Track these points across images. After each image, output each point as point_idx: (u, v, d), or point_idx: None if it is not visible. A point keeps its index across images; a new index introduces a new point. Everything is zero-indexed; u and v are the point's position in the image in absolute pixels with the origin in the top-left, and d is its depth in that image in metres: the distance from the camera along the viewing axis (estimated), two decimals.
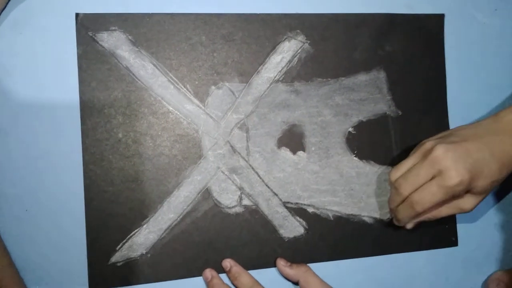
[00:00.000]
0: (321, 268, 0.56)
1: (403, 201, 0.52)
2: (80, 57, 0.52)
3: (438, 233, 0.61)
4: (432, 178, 0.50)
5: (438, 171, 0.49)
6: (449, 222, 0.61)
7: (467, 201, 0.52)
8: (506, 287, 0.59)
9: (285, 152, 0.57)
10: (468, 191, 0.51)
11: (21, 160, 0.51)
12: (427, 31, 0.62)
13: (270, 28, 0.57)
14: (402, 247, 0.60)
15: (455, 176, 0.48)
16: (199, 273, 0.54)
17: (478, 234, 0.63)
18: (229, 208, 0.55)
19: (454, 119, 0.62)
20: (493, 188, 0.52)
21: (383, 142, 0.60)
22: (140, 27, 0.54)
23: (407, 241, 0.60)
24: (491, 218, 0.63)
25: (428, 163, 0.50)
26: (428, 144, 0.51)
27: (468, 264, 0.62)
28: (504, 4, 0.65)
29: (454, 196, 0.51)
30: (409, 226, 0.55)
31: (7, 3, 0.51)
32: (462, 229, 0.62)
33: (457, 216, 0.62)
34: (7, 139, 0.51)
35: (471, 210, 0.53)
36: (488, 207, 0.63)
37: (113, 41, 0.53)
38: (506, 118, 0.51)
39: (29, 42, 0.52)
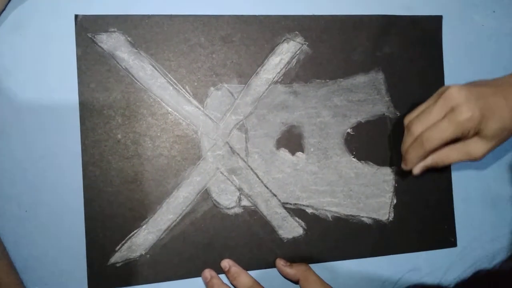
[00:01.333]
0: (320, 269, 0.56)
1: (415, 141, 0.53)
2: (79, 59, 0.53)
3: (437, 234, 0.61)
4: (444, 117, 0.51)
5: (450, 108, 0.50)
6: (448, 223, 0.61)
7: (476, 147, 0.52)
8: None
9: (284, 153, 0.57)
10: (477, 133, 0.51)
11: (20, 160, 0.51)
12: (425, 33, 0.62)
13: (269, 30, 0.57)
14: (401, 248, 0.60)
15: (465, 111, 0.49)
16: (198, 274, 0.54)
17: (477, 235, 0.63)
18: (228, 208, 0.55)
19: None
20: (502, 139, 0.52)
21: (381, 143, 0.60)
22: (139, 29, 0.54)
23: (406, 241, 0.60)
24: (490, 219, 0.63)
25: (441, 101, 0.51)
26: (444, 87, 0.52)
27: (466, 265, 0.62)
28: (502, 6, 0.65)
29: (463, 134, 0.51)
30: (416, 170, 0.55)
31: (6, 5, 0.51)
32: (461, 230, 0.62)
33: (456, 217, 0.62)
34: (6, 139, 0.51)
35: (480, 157, 0.53)
36: (487, 208, 0.63)
37: (112, 42, 0.53)
38: None
39: (29, 44, 0.52)
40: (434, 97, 0.53)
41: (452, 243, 0.62)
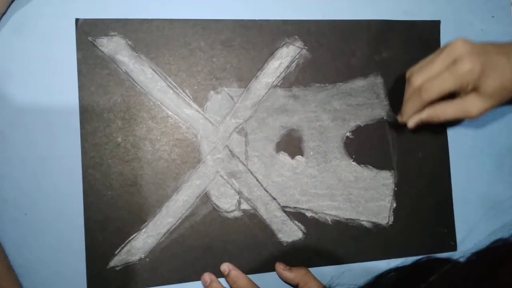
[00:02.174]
0: (320, 273, 0.56)
1: (413, 92, 0.53)
2: (79, 62, 0.53)
3: (437, 237, 0.61)
4: (445, 69, 0.51)
5: (452, 60, 0.51)
6: (448, 227, 0.61)
7: (474, 103, 0.52)
8: None
9: (284, 157, 0.57)
10: (476, 90, 0.51)
11: (20, 164, 0.51)
12: (424, 37, 0.62)
13: (268, 34, 0.58)
14: (400, 252, 0.60)
15: (467, 62, 0.50)
16: (197, 277, 0.54)
17: (477, 238, 0.63)
18: (228, 212, 0.55)
19: (452, 123, 0.62)
20: (500, 99, 0.52)
21: (380, 147, 0.60)
22: (140, 33, 0.54)
23: (405, 245, 0.60)
24: (490, 223, 0.63)
25: (445, 53, 0.52)
26: (450, 41, 0.53)
27: None
28: (501, 11, 0.65)
29: (462, 88, 0.51)
30: (411, 123, 0.55)
31: (7, 8, 0.51)
32: (461, 233, 0.62)
33: (456, 220, 0.62)
34: (6, 143, 0.51)
35: (475, 115, 0.53)
36: (487, 211, 0.63)
37: (113, 46, 0.53)
38: None
39: (30, 47, 0.52)
40: (440, 50, 0.54)
41: (452, 247, 0.62)
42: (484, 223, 0.63)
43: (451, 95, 0.53)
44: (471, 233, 0.62)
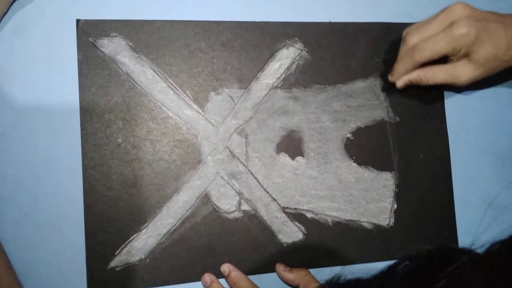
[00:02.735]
0: (320, 274, 0.56)
1: (407, 51, 0.54)
2: (80, 63, 0.53)
3: (438, 239, 0.61)
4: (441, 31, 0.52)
5: (450, 23, 0.51)
6: (449, 228, 0.61)
7: (464, 70, 0.52)
8: None
9: (284, 158, 0.57)
10: (468, 56, 0.51)
11: (20, 164, 0.51)
12: None
13: (269, 36, 0.58)
14: (401, 253, 0.59)
15: (463, 26, 0.50)
16: (198, 278, 0.54)
17: (479, 240, 0.62)
18: (228, 213, 0.55)
19: (452, 125, 0.62)
20: (491, 68, 0.52)
21: (381, 148, 0.60)
22: (141, 34, 0.55)
23: (406, 247, 0.60)
24: (492, 224, 0.63)
25: (444, 14, 0.52)
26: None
27: None
28: (501, 12, 0.65)
29: (455, 51, 0.51)
30: (400, 83, 0.55)
31: (8, 8, 0.51)
32: (462, 235, 0.62)
33: (457, 222, 0.61)
34: (7, 143, 0.51)
35: (464, 82, 0.53)
36: (489, 213, 0.63)
37: (114, 47, 0.54)
38: None
39: (30, 47, 0.52)
40: (439, 11, 0.54)
41: None
42: (485, 225, 0.63)
43: (444, 61, 0.53)
44: (473, 234, 0.62)
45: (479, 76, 0.53)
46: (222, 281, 0.54)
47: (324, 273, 0.57)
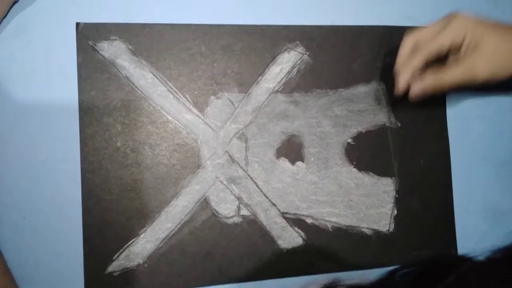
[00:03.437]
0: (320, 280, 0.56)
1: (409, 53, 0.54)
2: (80, 66, 0.53)
3: (438, 245, 0.61)
4: None
5: (448, 21, 0.52)
6: (449, 235, 0.61)
7: (478, 62, 0.51)
8: None
9: (284, 163, 0.57)
10: (477, 47, 0.51)
11: (19, 167, 0.51)
12: None
13: (270, 39, 0.58)
14: (401, 259, 0.59)
15: (460, 16, 0.51)
16: (196, 284, 0.54)
17: (478, 246, 0.62)
18: (227, 218, 0.55)
19: (454, 131, 0.62)
20: (506, 60, 0.52)
21: (382, 154, 0.60)
22: (140, 37, 0.54)
23: (406, 253, 0.59)
24: (491, 231, 0.63)
25: (444, 19, 0.53)
26: None
27: None
28: (503, 17, 0.65)
29: (457, 41, 0.51)
30: (414, 91, 0.54)
31: (8, 11, 0.51)
32: (462, 241, 0.61)
33: (457, 228, 0.61)
34: (5, 146, 0.51)
35: (483, 74, 0.51)
36: (488, 220, 0.63)
37: (113, 50, 0.53)
38: None
39: (30, 50, 0.52)
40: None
41: None
42: (485, 231, 0.63)
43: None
44: (473, 241, 0.62)
45: (495, 67, 0.51)
46: (226, 287, 0.54)
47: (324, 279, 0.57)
